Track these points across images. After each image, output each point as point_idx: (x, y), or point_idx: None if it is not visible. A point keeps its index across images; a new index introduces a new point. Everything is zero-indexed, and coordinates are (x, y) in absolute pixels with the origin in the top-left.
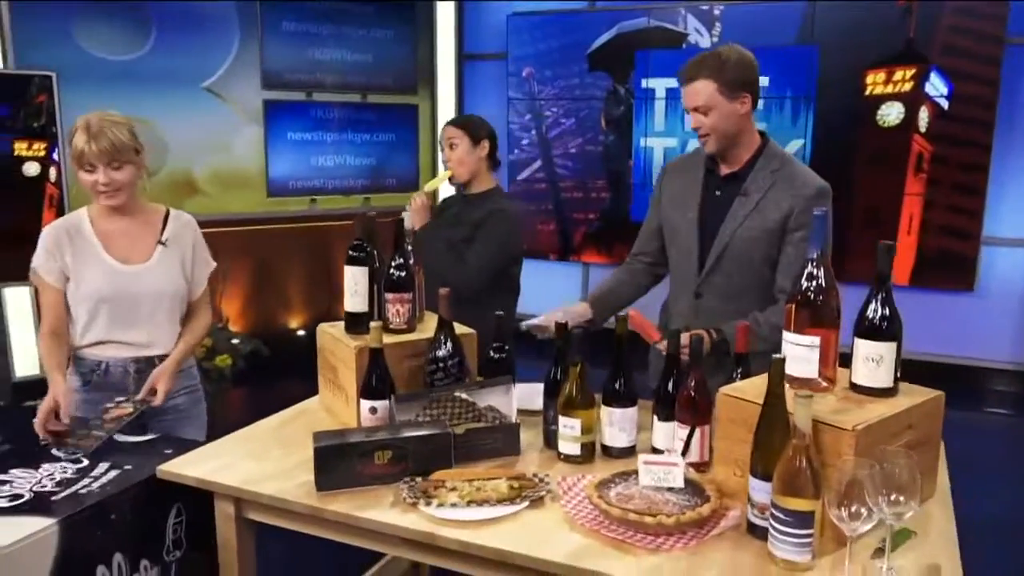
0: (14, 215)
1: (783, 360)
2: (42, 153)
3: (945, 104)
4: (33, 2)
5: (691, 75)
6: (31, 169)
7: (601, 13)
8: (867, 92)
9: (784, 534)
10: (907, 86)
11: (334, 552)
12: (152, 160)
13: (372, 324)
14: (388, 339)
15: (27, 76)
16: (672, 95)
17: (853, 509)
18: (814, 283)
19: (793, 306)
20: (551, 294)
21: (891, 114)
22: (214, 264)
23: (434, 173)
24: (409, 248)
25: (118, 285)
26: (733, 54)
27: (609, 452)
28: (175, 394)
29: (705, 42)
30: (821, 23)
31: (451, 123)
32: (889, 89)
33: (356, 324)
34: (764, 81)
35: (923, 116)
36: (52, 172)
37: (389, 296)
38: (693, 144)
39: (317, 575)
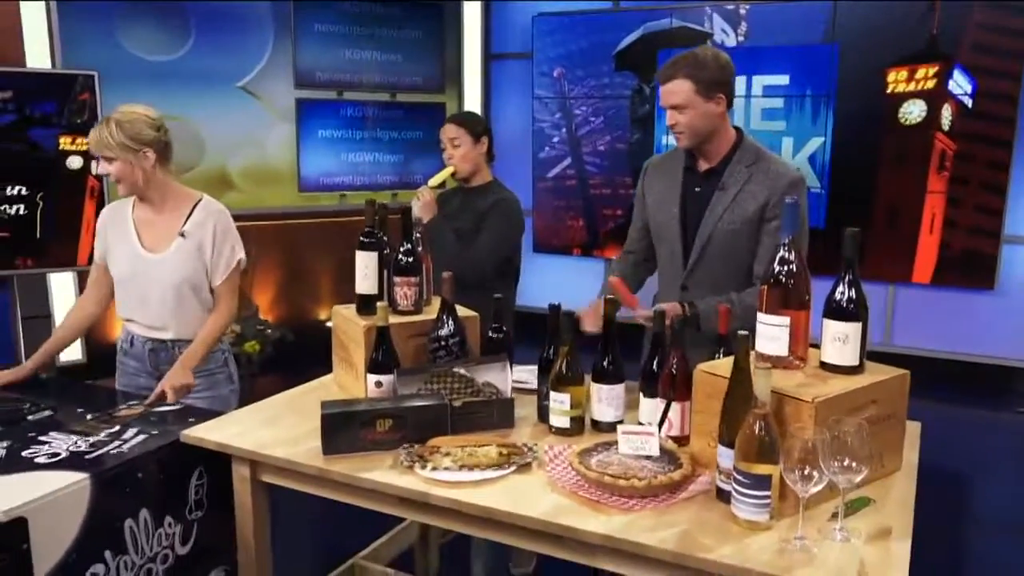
0: (58, 206)
1: (747, 336)
2: (85, 147)
3: (969, 102)
4: (80, 3)
5: (669, 75)
6: (74, 163)
7: (626, 13)
8: (889, 90)
9: (745, 496)
10: (930, 84)
11: (344, 523)
12: (189, 156)
13: (379, 304)
14: (395, 319)
15: (72, 75)
16: None
17: (806, 472)
18: (785, 267)
19: (766, 288)
20: (573, 288)
21: (913, 112)
22: (241, 255)
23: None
24: (417, 236)
25: (137, 269)
26: (710, 56)
27: (598, 427)
28: (197, 385)
29: (731, 41)
30: (843, 21)
31: (452, 121)
32: (911, 87)
33: (366, 305)
34: (784, 79)
35: (946, 114)
36: (94, 165)
37: (397, 280)
38: None
39: (328, 542)
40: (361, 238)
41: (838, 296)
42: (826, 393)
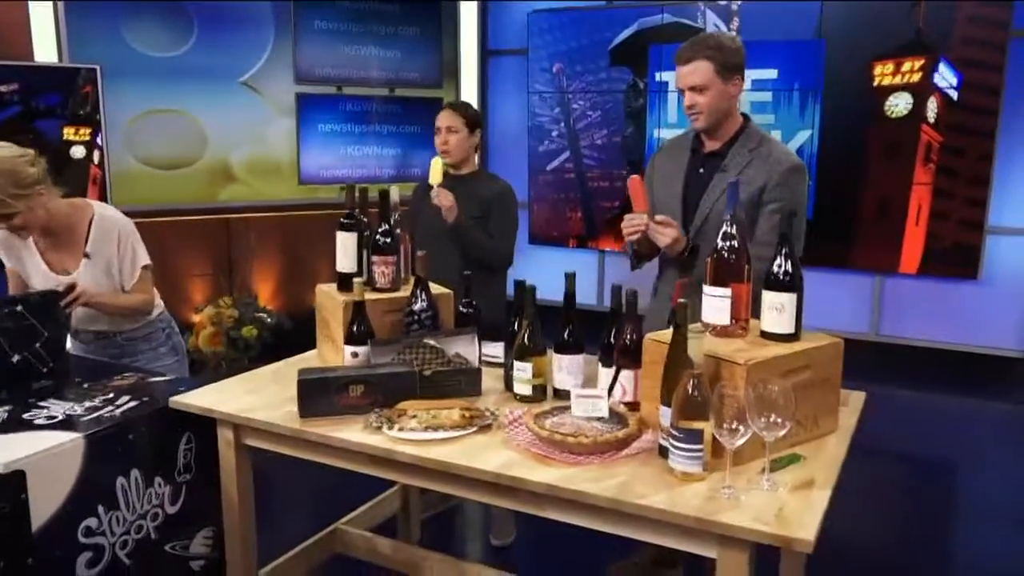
0: (63, 193)
1: (685, 304)
2: (87, 137)
3: (954, 95)
4: (86, 2)
5: (690, 56)
6: (77, 152)
7: (619, 10)
8: (876, 83)
9: (680, 449)
10: (916, 77)
11: (328, 494)
12: (192, 150)
13: (355, 281)
14: (373, 296)
15: (75, 69)
16: None
17: (733, 427)
18: (729, 243)
19: (710, 261)
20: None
21: (899, 104)
22: (144, 261)
23: None
24: (395, 218)
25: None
26: (728, 39)
27: (559, 394)
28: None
29: None
30: (830, 16)
31: (452, 108)
32: (898, 80)
33: (346, 283)
34: (773, 73)
35: (931, 106)
36: (96, 155)
37: (375, 259)
38: None
39: (312, 510)
40: (341, 220)
41: (775, 269)
42: (757, 357)
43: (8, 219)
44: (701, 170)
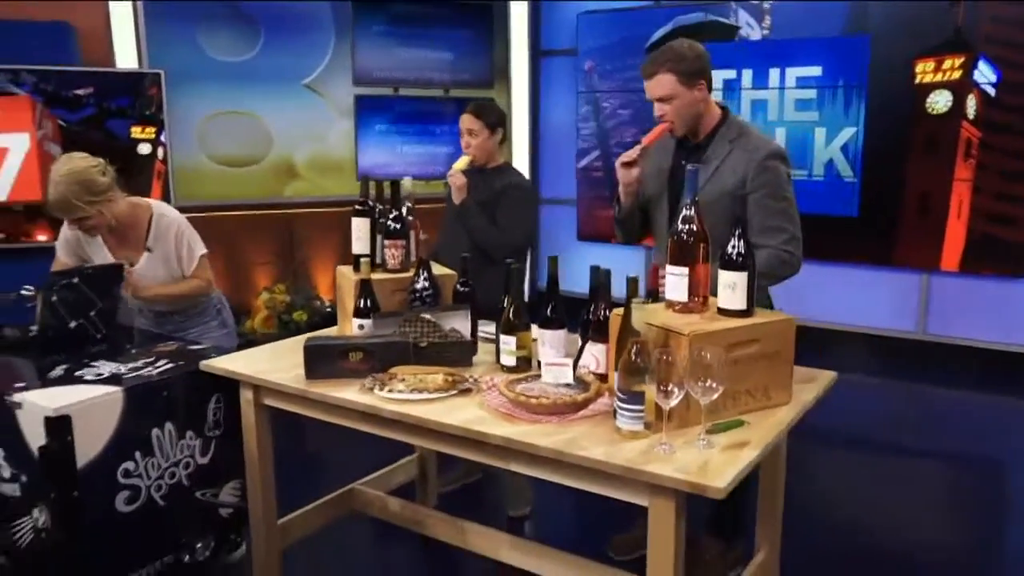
0: (130, 187)
1: (635, 279)
2: (152, 136)
3: (992, 92)
4: (163, 12)
5: (652, 71)
6: (144, 149)
7: (666, 9)
8: (917, 80)
9: (624, 409)
10: (956, 74)
11: (348, 459)
12: (258, 149)
13: (363, 260)
14: (382, 276)
15: (142, 73)
16: (727, 86)
17: (668, 388)
18: (687, 226)
19: (670, 243)
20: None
21: (940, 102)
22: (201, 251)
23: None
24: (406, 206)
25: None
26: (686, 47)
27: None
28: (192, 330)
29: (756, 35)
30: (873, 13)
31: (471, 112)
32: (938, 77)
33: (360, 263)
34: (817, 71)
35: (971, 103)
36: (160, 151)
37: (387, 242)
38: None
39: (331, 472)
40: (355, 206)
41: (729, 250)
42: (701, 329)
43: (82, 222)
44: (684, 163)
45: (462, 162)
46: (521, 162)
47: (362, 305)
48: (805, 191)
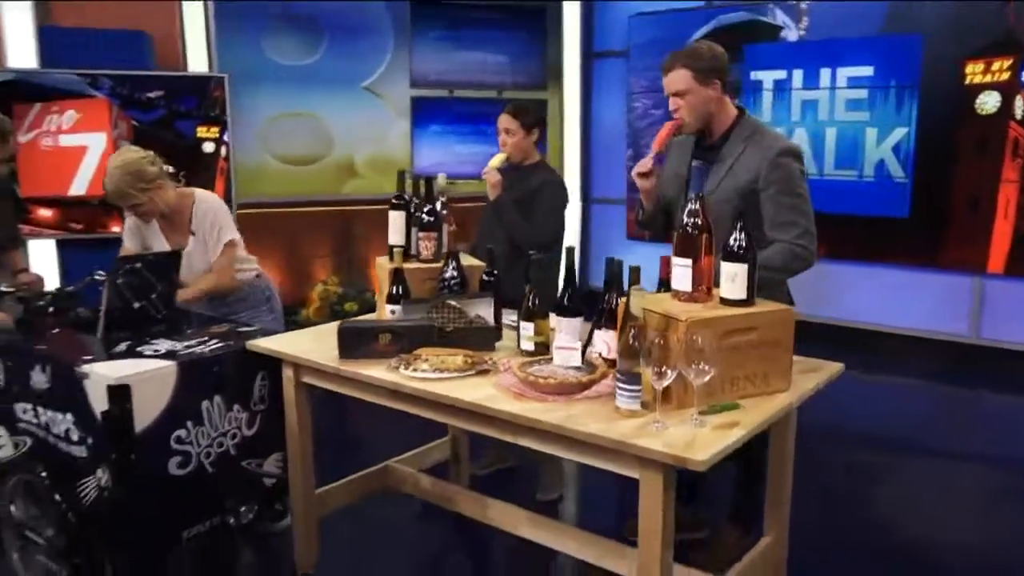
0: (195, 182)
1: (637, 268)
2: (216, 135)
3: None
4: (232, 18)
5: (670, 66)
6: (208, 147)
7: (716, 10)
8: (967, 81)
9: (623, 389)
10: (1005, 75)
11: (386, 438)
12: (320, 148)
13: (395, 250)
14: (416, 265)
15: (207, 77)
16: (777, 86)
17: (661, 370)
18: (692, 219)
19: (676, 236)
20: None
21: (989, 102)
22: (228, 237)
23: (560, 164)
24: (440, 200)
25: None
26: (704, 47)
27: None
28: (243, 314)
29: (792, 35)
30: (915, 13)
31: (508, 113)
32: (988, 78)
33: (393, 253)
34: (869, 71)
35: (1019, 104)
36: (223, 149)
37: (420, 234)
38: (799, 133)
39: (368, 450)
40: (392, 200)
41: (731, 243)
42: (698, 316)
43: (135, 208)
44: (701, 162)
45: (497, 159)
46: (572, 162)
47: (394, 292)
48: (855, 192)
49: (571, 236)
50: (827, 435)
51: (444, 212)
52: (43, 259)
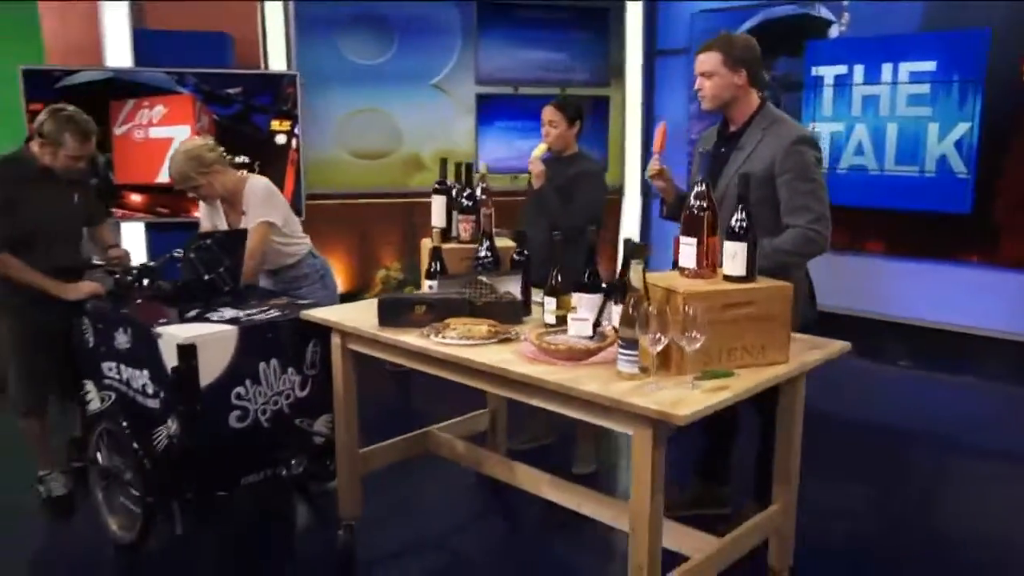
0: (269, 171)
1: (636, 244)
2: (288, 128)
3: None
4: (310, 13)
5: (704, 48)
6: (280, 139)
7: (776, 6)
8: None
9: (623, 354)
10: None
11: (428, 407)
12: (389, 143)
13: (434, 231)
14: (454, 245)
15: (281, 75)
16: (838, 82)
17: (656, 336)
18: (698, 202)
19: (684, 216)
20: None
21: None
22: (263, 219)
23: (620, 157)
24: (482, 185)
25: None
26: (740, 38)
27: None
28: (301, 290)
29: (833, 32)
30: (977, 7)
31: (553, 106)
32: None
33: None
34: (931, 65)
35: None
36: (294, 142)
37: (460, 217)
38: (859, 128)
39: (412, 417)
40: (435, 185)
41: (732, 223)
42: (695, 289)
43: (195, 189)
44: (723, 149)
45: (540, 149)
46: (633, 157)
47: (432, 269)
48: (916, 187)
49: (632, 228)
50: (884, 432)
51: (483, 197)
52: (133, 239)
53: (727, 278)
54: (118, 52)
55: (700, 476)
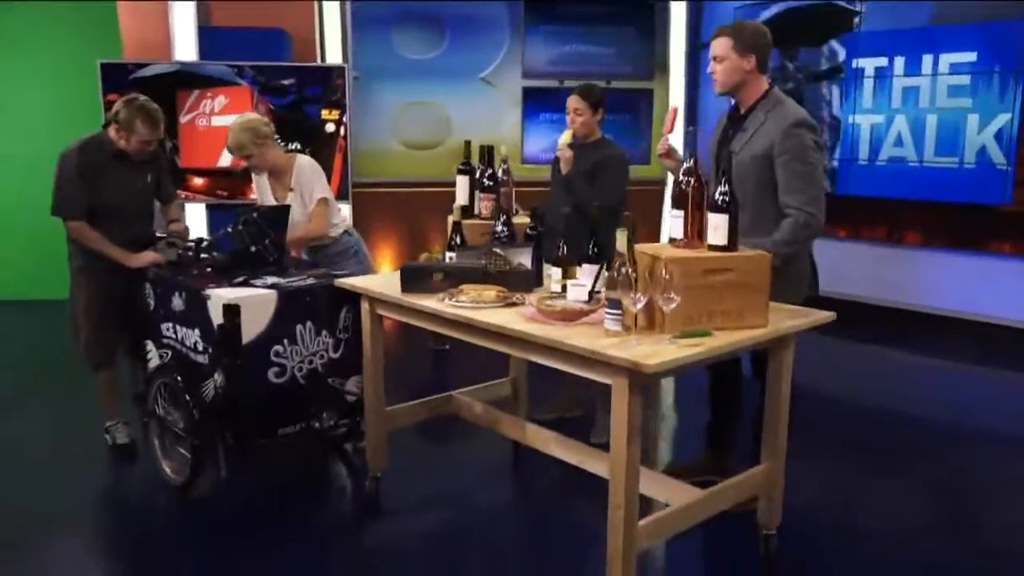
0: (318, 156)
1: (629, 216)
2: (336, 117)
3: None
4: (366, 11)
5: (717, 33)
6: (330, 127)
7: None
8: None
9: (608, 314)
10: None
11: (454, 374)
12: (439, 133)
13: (455, 206)
14: (474, 221)
15: (331, 68)
16: (879, 73)
17: (635, 297)
18: (686, 178)
19: (672, 191)
20: None
21: None
22: (320, 195)
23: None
24: (503, 167)
25: None
26: (751, 26)
27: None
28: (337, 264)
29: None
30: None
31: (578, 94)
32: None
33: (462, 211)
34: (972, 56)
35: None
36: (342, 130)
37: (481, 195)
38: (899, 120)
39: (438, 382)
40: (459, 166)
41: (716, 196)
42: (676, 256)
43: (248, 159)
44: (730, 131)
45: (567, 136)
46: (677, 146)
47: (452, 241)
48: (955, 177)
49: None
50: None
51: (503, 177)
52: (196, 219)
53: (711, 247)
54: (185, 47)
55: (705, 446)
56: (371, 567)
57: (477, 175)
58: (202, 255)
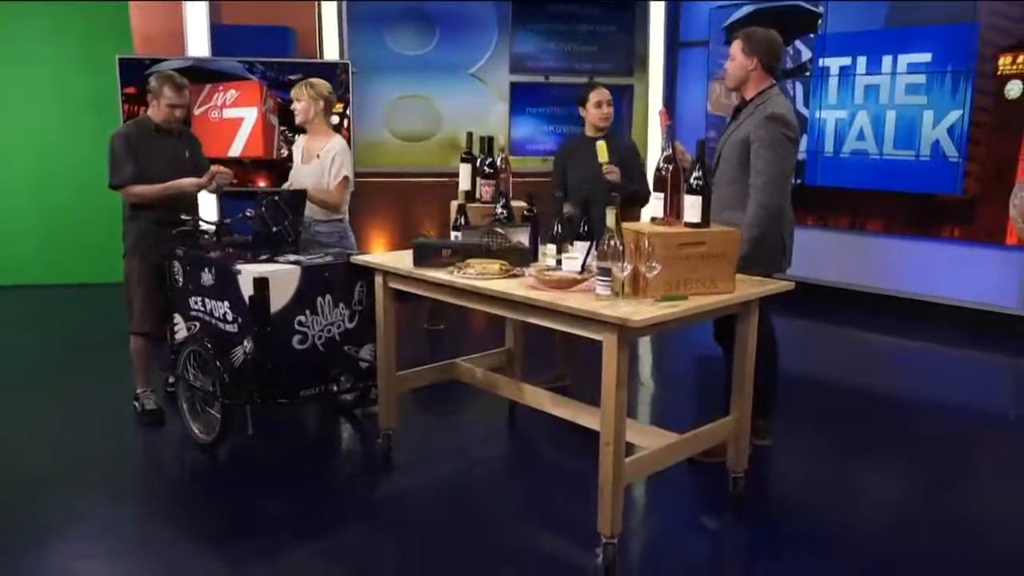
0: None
1: (616, 197)
2: (340, 111)
3: None
4: (360, 9)
5: (733, 37)
6: (334, 121)
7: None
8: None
9: (599, 280)
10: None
11: (460, 346)
12: (431, 126)
13: (460, 190)
14: (477, 205)
15: (334, 64)
16: (842, 72)
17: (621, 264)
18: (666, 164)
19: (655, 174)
20: None
21: (1013, 90)
22: (345, 173)
23: (645, 140)
24: (502, 155)
25: (293, 174)
26: (763, 32)
27: None
28: (326, 241)
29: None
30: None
31: (607, 87)
32: (1015, 69)
33: (465, 195)
34: (927, 57)
35: None
36: (346, 122)
37: (482, 182)
38: (861, 116)
39: (442, 351)
40: (462, 155)
41: (692, 180)
42: (656, 231)
43: (296, 102)
44: (730, 121)
45: (605, 150)
46: (656, 142)
47: (457, 222)
48: (911, 169)
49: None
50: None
51: (502, 165)
52: (208, 206)
53: (687, 224)
54: (198, 43)
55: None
56: (383, 512)
57: (478, 163)
58: (220, 238)
